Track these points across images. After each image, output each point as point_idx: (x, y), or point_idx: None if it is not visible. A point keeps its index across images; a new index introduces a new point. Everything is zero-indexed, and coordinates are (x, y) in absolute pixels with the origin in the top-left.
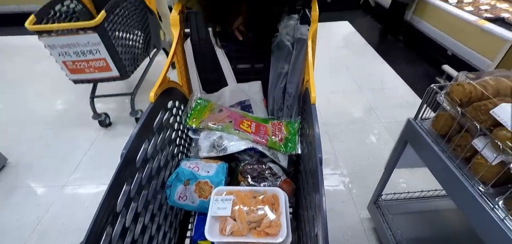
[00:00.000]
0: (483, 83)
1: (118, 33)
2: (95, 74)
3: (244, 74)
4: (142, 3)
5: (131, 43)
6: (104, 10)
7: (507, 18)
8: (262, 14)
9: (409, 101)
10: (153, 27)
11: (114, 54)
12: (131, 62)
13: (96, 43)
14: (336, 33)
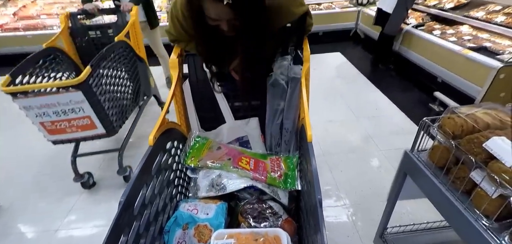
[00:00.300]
0: (473, 116)
1: (105, 87)
2: (78, 133)
3: (241, 111)
4: (131, 52)
5: (119, 95)
6: (90, 65)
7: (489, 47)
8: (256, 56)
9: (405, 128)
10: (143, 75)
11: (100, 111)
12: (119, 117)
13: (79, 101)
14: (329, 63)
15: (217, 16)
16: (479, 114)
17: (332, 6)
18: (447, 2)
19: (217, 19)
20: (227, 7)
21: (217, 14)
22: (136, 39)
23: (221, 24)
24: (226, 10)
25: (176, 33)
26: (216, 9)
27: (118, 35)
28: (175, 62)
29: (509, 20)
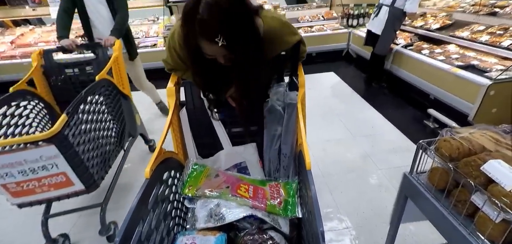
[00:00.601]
0: (468, 138)
1: (84, 135)
2: (50, 192)
3: (239, 137)
4: (114, 90)
5: (101, 141)
6: (66, 112)
7: (477, 65)
8: (252, 83)
9: (402, 146)
10: (128, 114)
11: (77, 165)
12: (101, 166)
13: (52, 156)
14: (323, 83)
15: (213, 54)
16: (474, 136)
17: (323, 28)
18: (433, 23)
19: (214, 55)
20: (222, 47)
21: (213, 52)
22: (119, 75)
23: (217, 58)
24: (221, 49)
25: (173, 63)
26: (211, 48)
27: (99, 72)
28: (172, 90)
29: (493, 39)
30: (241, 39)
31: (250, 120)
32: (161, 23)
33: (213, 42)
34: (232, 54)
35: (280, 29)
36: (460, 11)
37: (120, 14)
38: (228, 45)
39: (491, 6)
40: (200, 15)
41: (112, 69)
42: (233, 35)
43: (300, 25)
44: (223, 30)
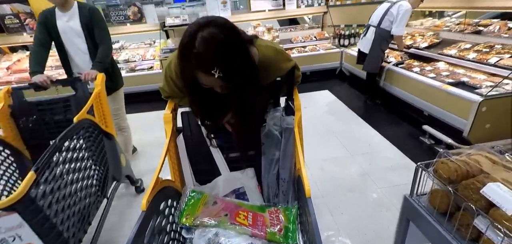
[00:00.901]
0: (466, 160)
1: (57, 192)
2: None
3: (237, 162)
4: (95, 130)
5: (80, 194)
6: (33, 169)
7: (467, 82)
8: (249, 109)
9: (400, 163)
10: (112, 156)
11: (48, 232)
12: (79, 227)
13: (14, 227)
14: (318, 101)
15: (210, 85)
16: (471, 157)
17: (316, 48)
18: (421, 42)
19: (210, 86)
20: (218, 78)
21: (210, 83)
22: (102, 112)
23: (214, 87)
24: (218, 80)
25: (170, 91)
26: (208, 80)
27: (79, 112)
28: (169, 117)
29: (480, 57)
30: (236, 70)
31: (248, 145)
32: (157, 46)
33: (210, 74)
34: (229, 84)
35: (274, 57)
36: (446, 30)
37: (102, 46)
38: (224, 76)
39: (475, 25)
40: (196, 49)
41: (93, 107)
42: (229, 66)
43: (293, 46)
44: (219, 62)
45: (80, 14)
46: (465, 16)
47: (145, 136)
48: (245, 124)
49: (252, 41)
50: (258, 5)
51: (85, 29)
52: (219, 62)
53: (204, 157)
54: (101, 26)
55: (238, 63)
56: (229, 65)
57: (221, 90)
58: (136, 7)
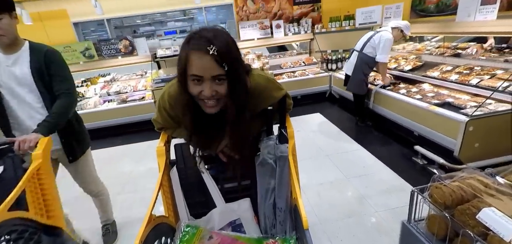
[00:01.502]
0: (459, 185)
1: None
2: None
3: (232, 193)
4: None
5: None
6: None
7: (452, 102)
8: (242, 136)
9: (396, 185)
10: None
11: None
12: None
13: None
14: (311, 124)
15: (201, 72)
16: (464, 182)
17: (305, 73)
18: (405, 65)
19: (201, 77)
20: (212, 59)
21: (202, 66)
22: (41, 199)
23: (204, 89)
24: (211, 62)
25: (163, 121)
26: (200, 61)
27: None
28: (162, 150)
29: (462, 78)
30: (232, 57)
31: (242, 174)
32: (149, 77)
33: (205, 52)
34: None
35: (265, 85)
36: (427, 54)
37: (60, 100)
38: (219, 55)
39: (454, 48)
40: (198, 33)
41: (26, 193)
42: (224, 49)
43: (283, 71)
44: (216, 40)
45: (32, 57)
46: (444, 40)
47: (137, 168)
48: (240, 151)
49: (248, 71)
50: (247, 34)
51: (36, 75)
52: (216, 39)
53: (198, 189)
54: (61, 73)
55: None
56: (225, 48)
57: (210, 91)
58: (128, 41)
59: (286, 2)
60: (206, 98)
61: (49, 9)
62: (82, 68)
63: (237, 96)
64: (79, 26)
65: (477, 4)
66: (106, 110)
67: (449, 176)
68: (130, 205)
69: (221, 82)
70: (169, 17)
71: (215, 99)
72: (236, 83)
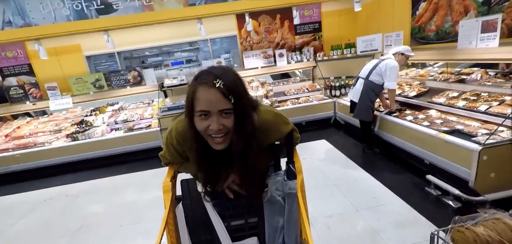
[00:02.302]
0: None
1: None
2: None
3: (239, 231)
4: None
5: None
6: None
7: (462, 130)
8: (250, 171)
9: (409, 218)
10: None
11: None
12: None
13: None
14: (316, 151)
15: (207, 107)
16: (488, 225)
17: (309, 99)
18: (409, 91)
19: (208, 112)
20: (219, 92)
21: (209, 99)
22: None
23: (211, 123)
24: (218, 95)
25: (170, 157)
26: (208, 94)
27: None
28: (168, 186)
29: (470, 104)
30: (238, 91)
31: (249, 211)
32: (156, 105)
33: (211, 85)
34: (228, 99)
35: (273, 120)
36: (431, 79)
37: None
38: (225, 87)
39: (458, 74)
40: (207, 70)
41: None
42: (231, 84)
43: (287, 98)
44: (222, 76)
45: None
46: (447, 66)
47: (141, 198)
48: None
49: (255, 107)
50: (251, 63)
51: None
52: (223, 75)
53: (204, 227)
54: None
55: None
56: (232, 82)
57: (217, 125)
58: (136, 72)
59: (288, 32)
60: (214, 132)
61: (64, 44)
62: (92, 98)
63: (243, 130)
64: (91, 59)
65: (478, 32)
66: (112, 139)
67: (471, 217)
68: (133, 237)
69: (228, 115)
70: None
71: (223, 133)
72: (243, 117)
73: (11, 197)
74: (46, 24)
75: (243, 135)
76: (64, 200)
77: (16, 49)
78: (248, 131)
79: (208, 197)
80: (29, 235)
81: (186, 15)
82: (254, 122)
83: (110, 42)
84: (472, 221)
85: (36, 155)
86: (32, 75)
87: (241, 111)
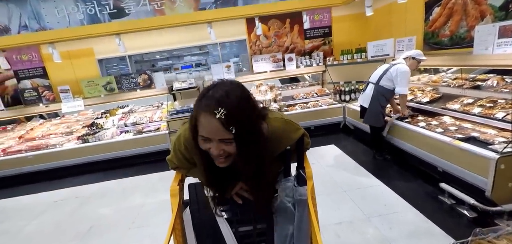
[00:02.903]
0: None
1: None
2: None
3: (247, 237)
4: None
5: None
6: None
7: (477, 137)
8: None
9: (423, 227)
10: None
11: None
12: None
13: None
14: (325, 156)
15: (209, 134)
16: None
17: (318, 104)
18: (422, 97)
19: (209, 139)
20: (218, 123)
21: (210, 128)
22: None
23: (212, 148)
24: (218, 125)
25: (178, 162)
26: (210, 123)
27: None
28: (175, 190)
29: (486, 111)
30: (240, 120)
31: (258, 217)
32: (165, 108)
33: (212, 114)
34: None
35: (283, 128)
36: (445, 85)
37: None
38: (226, 119)
39: (472, 80)
40: (210, 93)
41: None
42: (233, 112)
43: (296, 102)
44: (225, 104)
45: None
46: (461, 72)
47: (148, 201)
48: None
49: (264, 117)
50: (260, 67)
51: None
52: (226, 100)
53: (211, 233)
54: None
55: (244, 118)
56: (234, 110)
57: (217, 150)
58: (146, 75)
59: (298, 37)
60: (214, 156)
61: (77, 48)
62: (103, 101)
63: (246, 156)
64: (103, 62)
65: (495, 38)
66: (122, 141)
67: (492, 230)
68: (140, 240)
69: (229, 143)
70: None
71: (224, 157)
72: (246, 145)
73: (23, 199)
74: (61, 28)
75: (249, 160)
76: (74, 202)
77: (31, 52)
78: (251, 157)
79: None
80: (40, 236)
81: (196, 19)
82: (259, 144)
83: (121, 45)
84: (493, 234)
85: (47, 157)
86: (46, 77)
87: (243, 139)
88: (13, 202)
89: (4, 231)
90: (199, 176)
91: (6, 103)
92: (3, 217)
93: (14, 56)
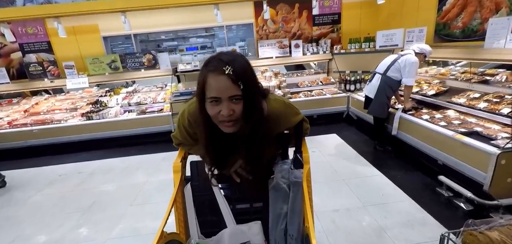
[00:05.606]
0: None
1: None
2: None
3: (244, 214)
4: None
5: None
6: None
7: (481, 132)
8: (257, 156)
9: (418, 217)
10: None
11: None
12: None
13: None
14: (326, 145)
15: (218, 93)
16: (503, 231)
17: (323, 93)
18: (428, 90)
19: (219, 99)
20: (229, 79)
21: (219, 87)
22: None
23: (222, 109)
24: (227, 82)
25: (182, 138)
26: (218, 81)
27: None
28: (178, 166)
29: (492, 107)
30: (247, 77)
31: (255, 196)
32: (168, 90)
33: (221, 72)
34: (237, 84)
35: (284, 110)
36: (452, 79)
37: None
38: (235, 75)
39: (481, 74)
40: (215, 58)
41: None
42: (240, 70)
43: (300, 90)
44: (232, 62)
45: None
46: (470, 66)
47: (150, 180)
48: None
49: (265, 95)
50: (265, 53)
51: None
52: (233, 62)
53: (210, 208)
54: None
55: (250, 77)
56: (241, 68)
57: (227, 110)
58: (151, 55)
59: (306, 23)
60: (224, 118)
61: (82, 23)
62: (107, 79)
63: (251, 116)
64: (108, 40)
65: (508, 31)
66: (125, 120)
67: (485, 222)
68: (141, 218)
69: (238, 101)
70: (191, 33)
71: (233, 119)
72: (251, 104)
73: (28, 171)
74: (66, 2)
75: (249, 122)
76: (78, 177)
77: (36, 25)
78: (255, 118)
79: (215, 180)
80: (45, 209)
81: (203, 0)
82: (262, 110)
83: (127, 23)
84: (486, 225)
85: (52, 131)
86: (51, 52)
87: (250, 97)
88: (19, 173)
89: (11, 201)
90: (201, 152)
91: (12, 76)
92: (10, 186)
93: (20, 29)
